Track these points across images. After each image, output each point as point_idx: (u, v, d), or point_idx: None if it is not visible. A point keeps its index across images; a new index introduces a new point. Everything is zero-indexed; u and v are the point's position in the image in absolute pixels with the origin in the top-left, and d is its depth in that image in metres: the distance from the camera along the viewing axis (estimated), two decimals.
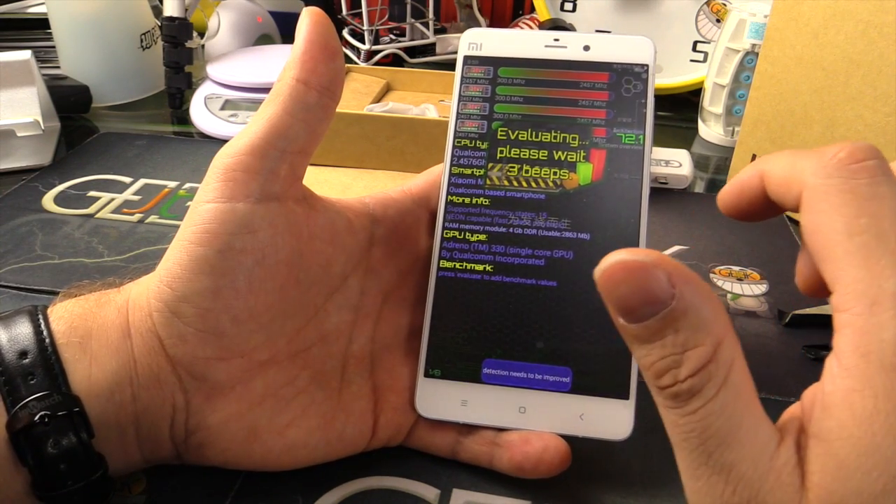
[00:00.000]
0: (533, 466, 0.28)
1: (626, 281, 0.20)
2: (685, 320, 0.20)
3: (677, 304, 0.20)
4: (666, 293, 0.20)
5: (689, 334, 0.20)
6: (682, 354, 0.20)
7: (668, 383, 0.20)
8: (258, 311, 0.27)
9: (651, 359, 0.20)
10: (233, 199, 0.26)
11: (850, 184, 0.20)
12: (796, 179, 0.22)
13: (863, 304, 0.19)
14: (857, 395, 0.18)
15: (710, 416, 0.20)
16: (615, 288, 0.20)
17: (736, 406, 0.20)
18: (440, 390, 0.30)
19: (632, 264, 0.20)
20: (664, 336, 0.20)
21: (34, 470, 0.24)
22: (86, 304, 0.27)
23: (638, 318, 0.20)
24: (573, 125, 0.32)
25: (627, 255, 0.20)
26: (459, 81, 0.33)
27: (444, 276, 0.31)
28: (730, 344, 0.20)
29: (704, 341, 0.20)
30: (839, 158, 0.21)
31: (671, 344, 0.20)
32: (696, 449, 0.20)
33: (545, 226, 0.31)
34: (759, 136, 0.51)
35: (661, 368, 0.20)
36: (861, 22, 0.42)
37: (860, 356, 0.19)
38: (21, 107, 0.55)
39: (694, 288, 0.20)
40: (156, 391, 0.26)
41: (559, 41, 0.32)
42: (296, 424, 0.28)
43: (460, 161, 0.32)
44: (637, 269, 0.20)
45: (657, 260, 0.20)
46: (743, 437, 0.19)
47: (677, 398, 0.20)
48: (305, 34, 0.27)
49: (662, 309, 0.20)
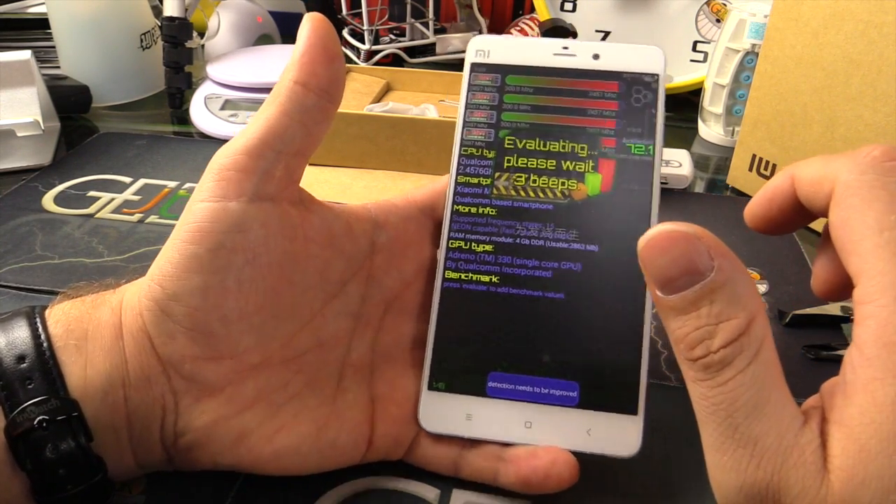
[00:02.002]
0: (541, 481, 0.27)
1: (669, 250, 0.21)
2: (722, 292, 0.20)
3: (716, 275, 0.20)
4: (706, 265, 0.20)
5: (724, 306, 0.20)
6: (716, 326, 0.20)
7: (700, 354, 0.21)
8: (249, 312, 0.26)
9: (686, 330, 0.21)
10: (226, 198, 0.26)
11: (882, 180, 0.21)
12: (828, 178, 0.22)
13: (888, 296, 0.19)
14: (879, 382, 0.19)
15: (740, 388, 0.20)
16: (658, 257, 0.21)
17: (765, 380, 0.20)
18: (444, 404, 0.29)
19: (676, 234, 0.21)
20: (700, 307, 0.21)
21: (33, 475, 0.24)
22: (82, 306, 0.27)
23: (676, 287, 0.21)
24: (582, 135, 0.31)
25: (671, 226, 0.21)
26: (466, 89, 0.32)
27: (449, 287, 0.30)
28: (762, 321, 0.21)
29: (739, 314, 0.20)
30: (873, 157, 0.21)
31: (706, 315, 0.21)
32: (724, 421, 0.20)
33: (553, 237, 0.30)
34: (759, 136, 0.51)
35: (695, 339, 0.21)
36: (861, 22, 0.42)
37: (882, 346, 0.19)
38: (21, 107, 0.55)
39: (731, 263, 0.21)
40: (146, 392, 0.26)
41: (568, 49, 0.32)
42: (286, 430, 0.28)
43: (467, 170, 0.31)
44: (680, 240, 0.21)
45: (699, 232, 0.21)
46: (770, 412, 0.20)
47: (709, 369, 0.21)
48: (306, 38, 0.27)
49: (701, 280, 0.21)
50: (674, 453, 0.31)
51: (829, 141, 0.46)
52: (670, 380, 0.35)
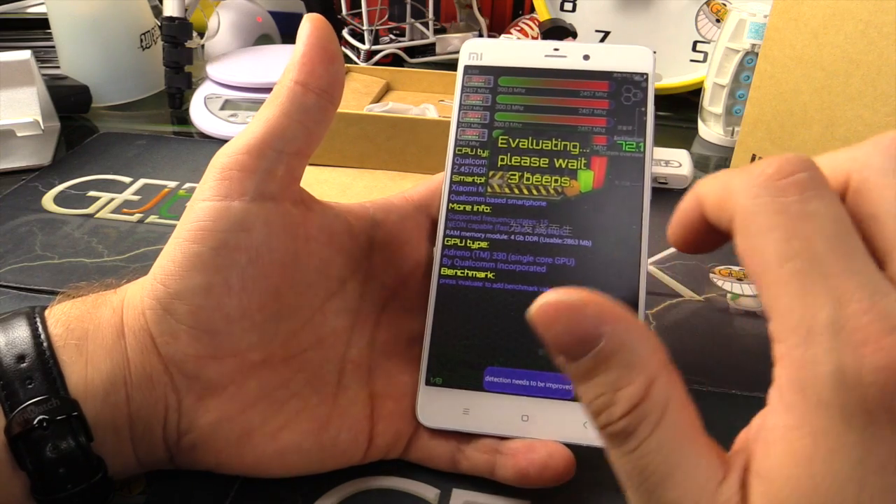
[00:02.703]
0: (538, 474, 0.27)
1: (557, 321, 0.20)
2: (615, 359, 0.20)
3: (606, 343, 0.20)
4: (595, 332, 0.20)
5: (620, 373, 0.20)
6: (614, 394, 0.20)
7: (604, 423, 0.20)
8: (251, 311, 0.27)
9: (588, 398, 0.20)
10: (228, 197, 0.26)
11: (778, 202, 0.19)
12: (728, 201, 0.21)
13: (797, 336, 0.18)
14: (797, 433, 0.18)
15: (648, 456, 0.19)
16: (548, 327, 0.20)
17: (674, 443, 0.19)
18: (442, 398, 0.30)
19: (561, 304, 0.20)
20: (596, 375, 0.20)
21: (33, 474, 0.24)
22: (83, 306, 0.27)
23: (572, 357, 0.20)
24: (574, 133, 0.32)
25: (557, 296, 0.20)
26: (460, 91, 0.33)
27: (445, 284, 0.31)
28: (665, 382, 0.20)
29: (636, 380, 0.19)
30: (767, 175, 0.19)
31: (603, 383, 0.20)
32: (640, 488, 0.20)
33: (546, 233, 0.31)
34: (759, 136, 0.51)
35: (598, 408, 0.20)
36: (861, 22, 0.42)
37: (797, 391, 0.18)
38: (21, 107, 0.55)
39: (625, 326, 0.20)
40: (148, 391, 0.26)
41: (559, 51, 0.33)
42: (289, 428, 0.28)
43: (461, 169, 0.32)
44: (566, 309, 0.20)
45: (587, 299, 0.20)
46: (683, 475, 0.19)
47: (615, 437, 0.20)
48: (306, 38, 0.27)
49: (593, 348, 0.20)
50: None
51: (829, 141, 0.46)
52: None
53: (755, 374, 0.36)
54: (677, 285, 0.42)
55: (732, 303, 0.41)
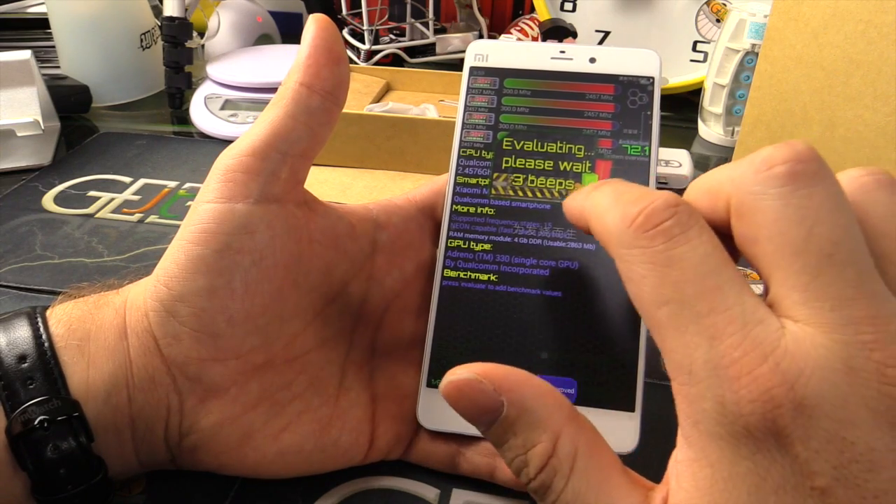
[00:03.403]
0: None
1: (463, 396, 0.22)
2: (519, 423, 0.21)
3: (508, 410, 0.21)
4: (495, 403, 0.21)
5: (526, 435, 0.21)
6: (525, 454, 0.21)
7: (525, 481, 0.22)
8: (254, 313, 0.27)
9: (507, 460, 0.22)
10: (232, 199, 0.26)
11: (647, 253, 0.20)
12: (606, 242, 0.22)
13: (683, 373, 0.19)
14: (697, 464, 0.19)
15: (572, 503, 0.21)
16: (456, 403, 0.22)
17: (589, 490, 0.21)
18: (442, 401, 0.29)
19: (459, 383, 0.22)
20: (507, 440, 0.22)
21: (34, 475, 0.24)
22: (84, 307, 0.27)
23: (483, 427, 0.22)
24: (579, 136, 0.31)
25: (457, 374, 0.22)
26: (465, 92, 0.33)
27: (448, 286, 0.31)
28: (569, 434, 0.21)
29: (541, 438, 0.21)
30: (637, 225, 0.20)
31: (515, 446, 0.22)
32: None
33: (550, 236, 0.31)
34: (759, 136, 0.51)
35: (516, 468, 0.22)
36: (861, 22, 0.42)
37: (692, 425, 0.19)
38: (21, 107, 0.55)
39: (522, 392, 0.21)
40: (150, 392, 0.26)
41: (565, 53, 0.33)
42: (290, 429, 0.28)
43: (465, 171, 0.32)
44: (464, 386, 0.22)
45: (483, 372, 0.21)
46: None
47: (536, 493, 0.21)
48: (311, 39, 0.27)
49: (496, 417, 0.22)
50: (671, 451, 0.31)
51: (829, 141, 0.46)
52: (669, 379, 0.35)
53: None
54: None
55: None
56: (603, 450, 0.22)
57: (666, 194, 0.20)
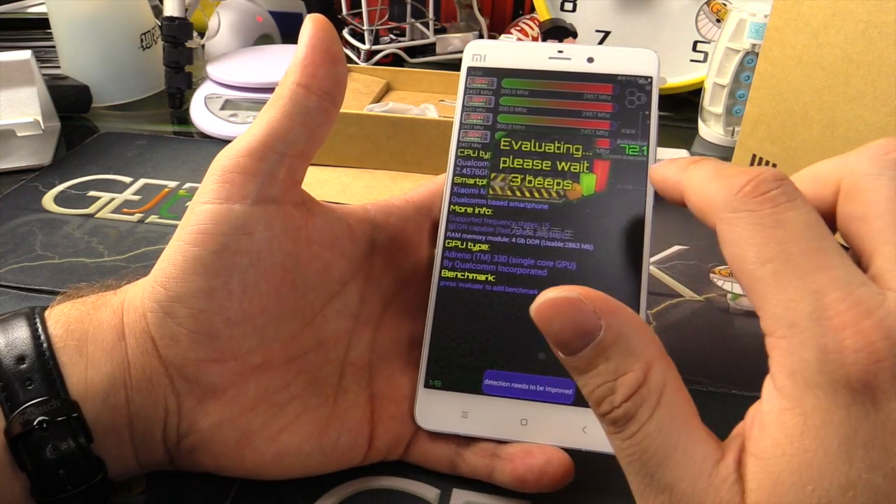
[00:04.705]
0: (536, 479, 0.27)
1: (557, 317, 0.22)
2: (614, 349, 0.21)
3: (605, 334, 0.21)
4: (594, 325, 0.21)
5: (619, 362, 0.21)
6: (614, 381, 0.21)
7: (606, 410, 0.21)
8: (252, 314, 0.27)
9: (589, 388, 0.22)
10: (229, 200, 0.26)
11: (755, 216, 0.21)
12: (709, 210, 0.22)
13: (783, 326, 0.20)
14: (789, 413, 0.19)
15: (647, 439, 0.21)
16: (549, 323, 0.22)
17: (671, 426, 0.21)
18: (440, 401, 0.30)
19: (560, 301, 0.21)
20: (597, 365, 0.21)
21: (33, 475, 0.24)
22: (83, 307, 0.27)
23: (572, 350, 0.22)
24: (577, 136, 0.31)
25: (556, 293, 0.22)
26: (463, 92, 0.33)
27: (445, 286, 0.31)
28: (661, 368, 0.21)
29: (634, 367, 0.21)
30: (745, 192, 0.21)
31: (604, 372, 0.21)
32: (640, 471, 0.21)
33: (548, 236, 0.31)
34: (759, 136, 0.51)
35: (599, 396, 0.22)
36: (861, 22, 0.42)
37: (787, 376, 0.19)
38: (21, 107, 0.55)
39: (621, 318, 0.21)
40: (148, 393, 0.26)
41: (563, 53, 0.33)
42: (289, 430, 0.28)
43: (463, 171, 0.32)
44: (565, 305, 0.21)
45: (584, 294, 0.21)
46: (681, 456, 0.20)
47: (616, 423, 0.21)
48: (308, 39, 0.27)
49: (592, 340, 0.21)
50: None
51: (829, 141, 0.46)
52: None
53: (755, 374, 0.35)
54: (677, 285, 0.43)
55: (732, 303, 0.41)
56: (685, 393, 0.22)
57: (772, 169, 0.21)
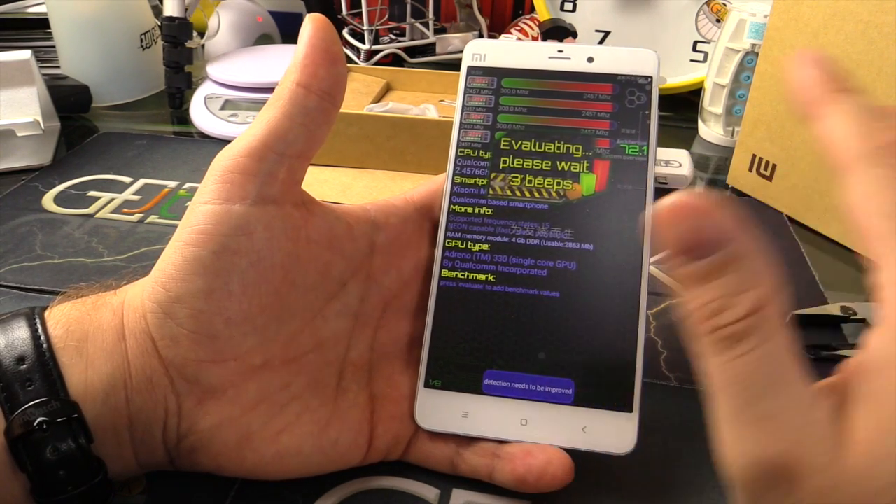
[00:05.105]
0: (536, 479, 0.27)
1: (689, 218, 0.20)
2: (741, 264, 0.20)
3: (736, 246, 0.20)
4: (727, 234, 0.20)
5: (745, 277, 0.20)
6: (736, 296, 0.20)
7: (716, 326, 0.20)
8: (252, 314, 0.26)
9: (704, 299, 0.20)
10: (229, 200, 0.26)
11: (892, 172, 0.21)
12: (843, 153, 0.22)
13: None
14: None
15: (757, 362, 0.20)
16: (678, 224, 0.20)
17: (783, 355, 0.20)
18: (440, 401, 0.30)
19: (696, 202, 0.20)
20: (719, 277, 0.20)
21: (33, 476, 0.24)
22: (83, 307, 0.27)
23: (695, 256, 0.20)
24: (577, 136, 0.31)
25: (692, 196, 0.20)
26: (463, 92, 0.33)
27: (445, 286, 0.31)
28: (780, 297, 0.20)
29: (757, 286, 0.20)
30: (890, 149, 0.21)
31: (724, 285, 0.20)
32: (740, 395, 0.20)
33: (548, 236, 0.30)
34: (758, 136, 0.51)
35: (712, 310, 0.20)
36: (861, 22, 0.42)
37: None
38: (21, 107, 0.55)
39: (753, 236, 0.20)
40: (148, 394, 0.26)
41: (563, 53, 0.33)
42: (289, 431, 0.28)
43: (463, 170, 0.32)
44: (701, 208, 0.20)
45: (722, 202, 0.20)
46: (788, 386, 0.20)
47: (726, 341, 0.20)
48: (308, 39, 0.27)
49: (721, 249, 0.20)
50: (672, 452, 0.31)
51: None
52: (670, 380, 0.35)
53: None
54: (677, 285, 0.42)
55: None
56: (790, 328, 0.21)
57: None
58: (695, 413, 0.33)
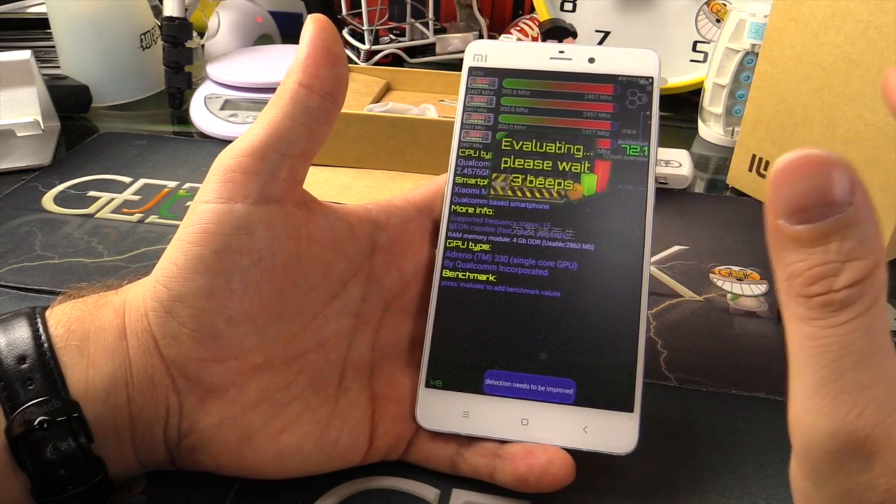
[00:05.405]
0: (537, 479, 0.27)
1: (809, 176, 0.19)
2: (855, 229, 0.19)
3: (853, 211, 0.19)
4: (845, 197, 0.19)
5: (855, 244, 0.19)
6: (843, 263, 0.19)
7: (819, 291, 0.19)
8: (253, 313, 0.27)
9: (808, 264, 0.19)
10: (231, 199, 0.26)
11: None
12: None
13: None
14: None
15: (856, 332, 0.19)
16: (794, 183, 0.19)
17: (880, 328, 0.19)
18: (441, 401, 0.30)
19: (819, 159, 0.19)
20: (830, 241, 0.19)
21: (34, 475, 0.24)
22: (84, 307, 0.27)
23: (808, 218, 0.19)
24: (578, 136, 0.32)
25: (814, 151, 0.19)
26: (464, 92, 0.33)
27: (446, 286, 0.31)
28: (885, 268, 0.19)
29: (867, 255, 0.19)
30: None
31: (835, 251, 0.19)
32: (830, 364, 0.19)
33: (549, 236, 0.31)
34: (758, 136, 0.51)
35: (817, 275, 0.19)
36: (861, 22, 0.42)
37: None
38: (21, 107, 0.55)
39: (868, 201, 0.19)
40: (149, 393, 0.26)
41: (564, 53, 0.33)
42: (290, 430, 0.28)
43: (464, 171, 0.32)
44: (823, 166, 0.19)
45: (844, 162, 0.19)
46: (881, 361, 0.19)
47: (826, 307, 0.19)
48: (309, 39, 0.27)
49: (837, 212, 0.19)
50: (673, 452, 0.31)
51: (830, 141, 0.46)
52: (670, 380, 0.35)
53: (755, 374, 0.36)
54: (677, 285, 0.43)
55: (732, 303, 0.41)
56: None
57: None
58: (694, 413, 0.33)
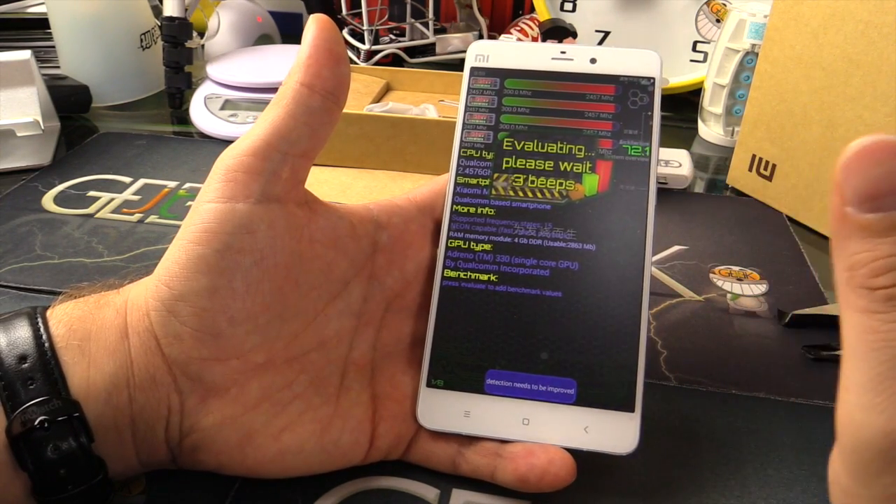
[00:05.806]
0: (538, 479, 0.27)
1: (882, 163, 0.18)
2: None
3: None
4: None
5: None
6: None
7: (885, 283, 0.19)
8: (255, 313, 0.27)
9: (874, 255, 0.19)
10: (233, 199, 0.26)
11: None
12: None
13: None
14: None
15: None
16: (867, 169, 0.18)
17: None
18: (442, 401, 0.30)
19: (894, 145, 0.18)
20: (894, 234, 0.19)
21: (34, 475, 0.24)
22: (85, 307, 0.27)
23: (879, 206, 0.19)
24: (579, 136, 0.32)
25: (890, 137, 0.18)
26: (466, 92, 0.33)
27: (448, 286, 0.31)
28: None
29: None
30: None
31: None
32: (890, 360, 0.19)
33: (550, 236, 0.31)
34: (758, 136, 0.51)
35: (884, 267, 0.19)
36: (861, 22, 0.42)
37: None
38: (21, 107, 0.55)
39: None
40: (151, 392, 0.26)
41: (566, 53, 0.33)
42: (291, 429, 0.28)
43: (466, 171, 0.32)
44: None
45: None
46: None
47: (891, 301, 0.19)
48: (311, 39, 0.27)
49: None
50: (673, 452, 0.31)
51: (830, 141, 0.46)
52: (670, 380, 0.35)
53: (755, 374, 0.36)
54: (677, 285, 0.43)
55: (732, 303, 0.41)
56: None
57: None
58: (694, 413, 0.33)
